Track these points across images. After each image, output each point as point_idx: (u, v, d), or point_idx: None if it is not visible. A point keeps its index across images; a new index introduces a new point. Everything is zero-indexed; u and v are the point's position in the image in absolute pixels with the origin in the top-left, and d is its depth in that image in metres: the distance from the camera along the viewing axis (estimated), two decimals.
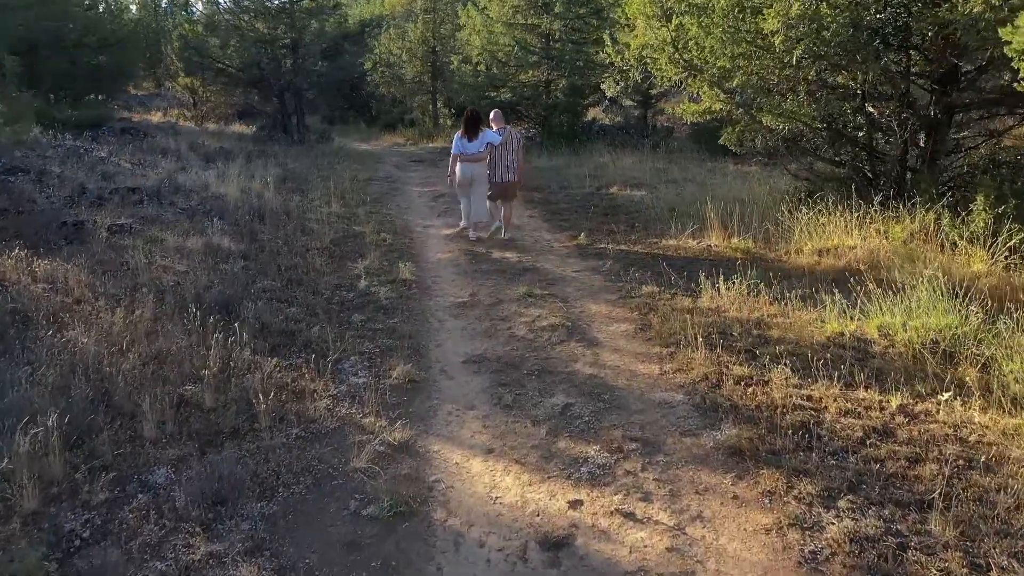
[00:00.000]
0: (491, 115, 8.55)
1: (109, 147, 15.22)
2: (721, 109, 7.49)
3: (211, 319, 5.41)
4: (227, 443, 4.04)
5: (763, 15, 6.20)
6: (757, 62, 6.72)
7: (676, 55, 7.14)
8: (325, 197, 10.55)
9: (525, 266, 7.18)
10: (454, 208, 10.31)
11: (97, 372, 4.66)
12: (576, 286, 6.56)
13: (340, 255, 7.57)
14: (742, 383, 4.49)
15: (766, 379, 4.52)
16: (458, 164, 8.13)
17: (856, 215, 6.91)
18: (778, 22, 5.97)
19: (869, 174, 7.76)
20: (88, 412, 4.15)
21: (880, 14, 6.74)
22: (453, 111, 26.87)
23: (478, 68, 19.03)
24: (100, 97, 26.68)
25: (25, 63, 17.03)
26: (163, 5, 35.61)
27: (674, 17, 7.17)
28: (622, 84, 23.36)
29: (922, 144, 7.44)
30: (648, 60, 7.51)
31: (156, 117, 29.41)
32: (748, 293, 5.83)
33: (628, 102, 22.21)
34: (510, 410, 4.36)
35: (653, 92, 15.99)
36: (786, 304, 5.67)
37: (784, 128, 7.21)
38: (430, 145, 22.49)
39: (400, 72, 24.89)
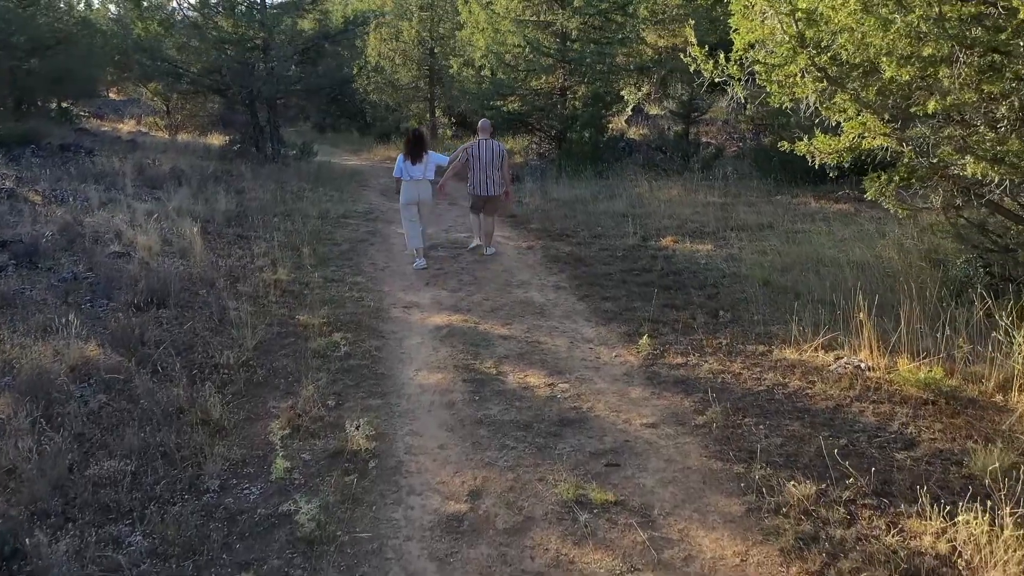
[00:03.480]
0: (479, 124, 8.32)
1: (30, 172, 12.42)
2: (881, 147, 4.63)
3: None
4: None
5: None
6: (968, 69, 3.86)
7: (811, 62, 4.28)
8: (274, 252, 7.70)
9: (562, 410, 4.31)
10: (448, 270, 7.46)
11: None
12: (658, 469, 3.68)
13: (258, 383, 4.71)
14: None
15: None
16: (402, 186, 7.70)
17: None
18: None
19: None
20: None
21: None
22: (454, 120, 24.08)
23: (482, 73, 16.19)
24: (61, 105, 23.97)
25: None
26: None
27: None
28: (643, 91, 20.57)
29: None
30: (760, 70, 4.63)
31: (127, 126, 26.72)
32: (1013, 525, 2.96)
33: (655, 111, 19.39)
34: None
35: (698, 101, 13.12)
36: None
37: (1004, 180, 4.32)
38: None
39: (393, 77, 22.08)
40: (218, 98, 17.73)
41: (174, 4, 15.79)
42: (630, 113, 18.87)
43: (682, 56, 5.14)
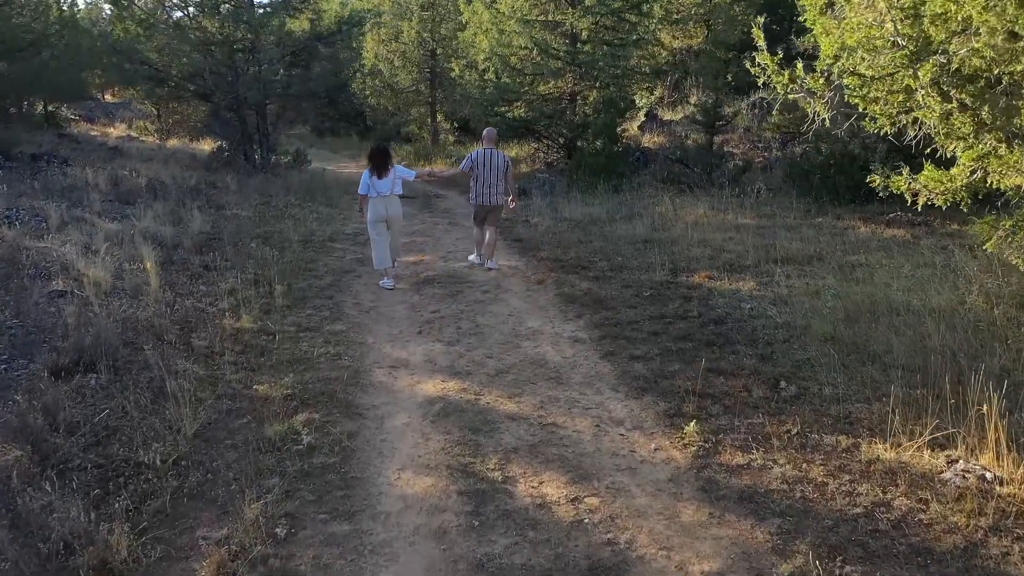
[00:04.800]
0: (484, 133, 7.96)
1: None
2: (1016, 187, 3.49)
3: None
4: None
5: None
6: None
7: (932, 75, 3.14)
8: (242, 289, 6.60)
9: (593, 545, 3.18)
10: (446, 313, 6.35)
11: None
12: None
13: (190, 493, 3.58)
14: None
15: None
16: (369, 203, 7.21)
17: None
18: None
19: None
20: None
21: None
22: (456, 126, 23.00)
23: (485, 77, 15.11)
24: (47, 110, 22.93)
25: None
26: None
27: None
28: (655, 95, 19.43)
29: None
30: (852, 84, 3.49)
31: (118, 131, 25.68)
32: None
33: (669, 116, 18.27)
34: None
35: (721, 108, 11.97)
36: None
37: None
38: (428, 168, 18.58)
39: (392, 80, 21.00)
40: (205, 104, 16.65)
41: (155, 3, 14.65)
42: (643, 119, 17.76)
43: (774, 76, 3.97)
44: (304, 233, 9.43)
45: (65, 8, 18.37)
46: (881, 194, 8.44)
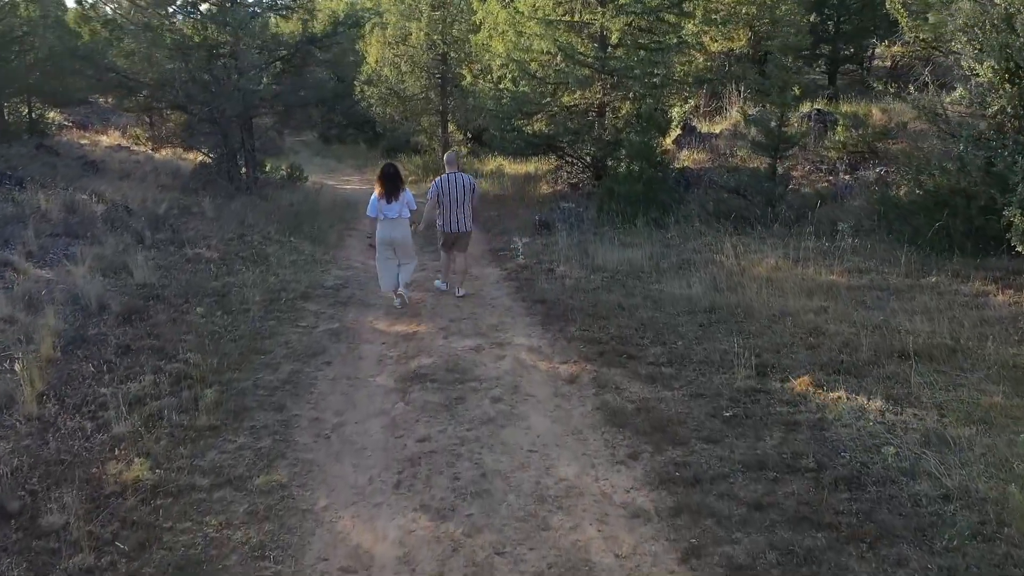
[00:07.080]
0: (445, 157, 7.62)
1: None
2: None
3: None
4: None
5: None
6: None
7: None
8: (158, 395, 4.71)
9: None
10: (439, 443, 4.39)
11: None
12: None
13: None
14: None
15: None
16: (377, 225, 7.00)
17: None
18: None
19: None
20: None
21: None
22: (470, 136, 21.08)
23: (501, 86, 13.16)
24: (31, 115, 21.29)
25: None
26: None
27: None
28: (690, 104, 17.37)
29: None
30: None
31: (111, 138, 23.97)
32: None
33: (707, 128, 16.20)
34: None
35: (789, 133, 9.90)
36: None
37: None
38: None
39: (400, 86, 19.10)
40: (169, 114, 14.86)
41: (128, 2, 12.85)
42: (680, 132, 15.73)
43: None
44: (272, 287, 7.54)
45: (37, 10, 16.61)
46: (1019, 247, 6.20)
